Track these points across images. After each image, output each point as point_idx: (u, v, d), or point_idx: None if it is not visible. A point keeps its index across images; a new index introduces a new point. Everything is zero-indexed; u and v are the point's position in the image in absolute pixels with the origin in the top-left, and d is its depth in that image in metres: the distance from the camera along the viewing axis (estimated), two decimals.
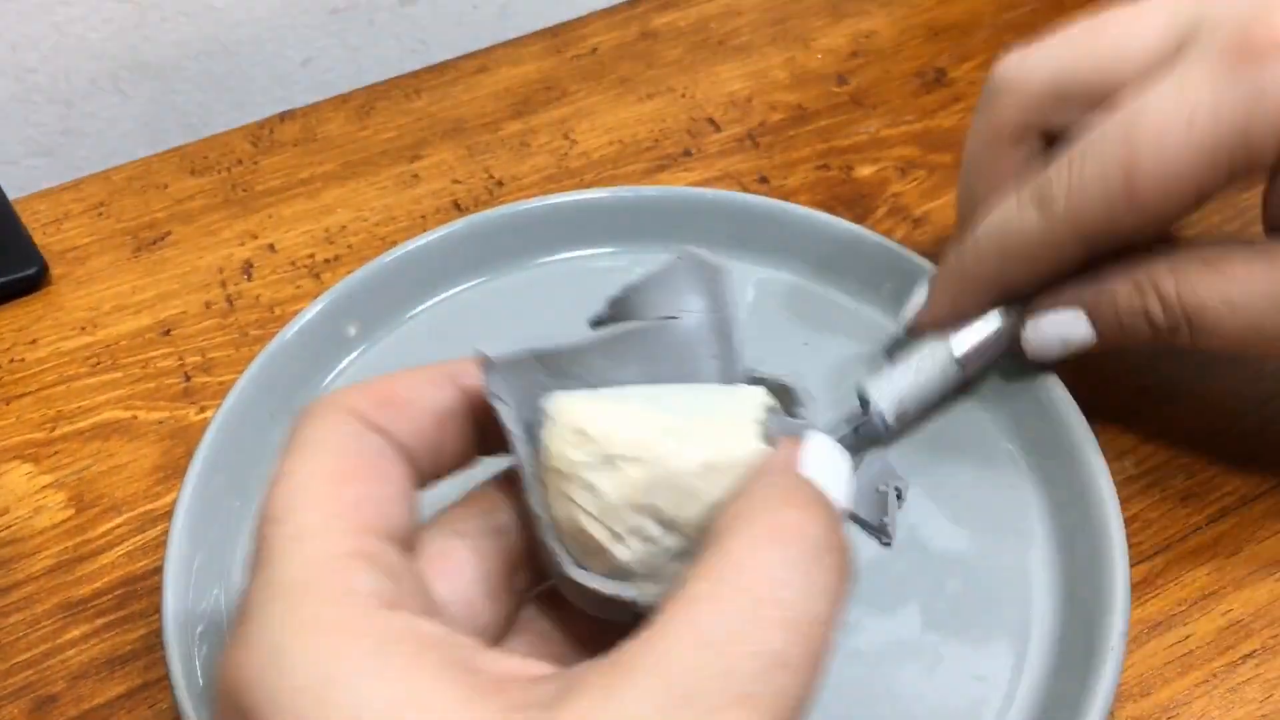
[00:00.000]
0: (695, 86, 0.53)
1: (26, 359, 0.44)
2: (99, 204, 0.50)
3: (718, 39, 0.55)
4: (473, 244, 0.42)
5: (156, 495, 0.39)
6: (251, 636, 0.21)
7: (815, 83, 0.52)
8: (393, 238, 0.47)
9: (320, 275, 0.46)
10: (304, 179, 0.50)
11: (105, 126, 0.59)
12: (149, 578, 0.37)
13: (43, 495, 0.40)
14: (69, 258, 0.47)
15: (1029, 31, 0.35)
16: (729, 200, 0.43)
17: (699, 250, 0.27)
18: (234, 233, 0.48)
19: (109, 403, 0.42)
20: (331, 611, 0.21)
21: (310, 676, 0.20)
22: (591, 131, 0.51)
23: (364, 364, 0.40)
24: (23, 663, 0.36)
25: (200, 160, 0.51)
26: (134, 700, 0.35)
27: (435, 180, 0.49)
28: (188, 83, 0.59)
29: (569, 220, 0.43)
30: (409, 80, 0.54)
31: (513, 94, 0.53)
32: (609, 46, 0.55)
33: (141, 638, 0.36)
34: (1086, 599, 0.32)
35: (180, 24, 0.57)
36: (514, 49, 0.55)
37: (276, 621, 0.21)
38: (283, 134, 0.52)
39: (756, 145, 0.50)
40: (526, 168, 0.50)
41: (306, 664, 0.20)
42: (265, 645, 0.21)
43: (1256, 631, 0.34)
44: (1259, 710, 0.32)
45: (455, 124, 0.52)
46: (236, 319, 0.45)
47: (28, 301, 0.46)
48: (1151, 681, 0.33)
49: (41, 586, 0.37)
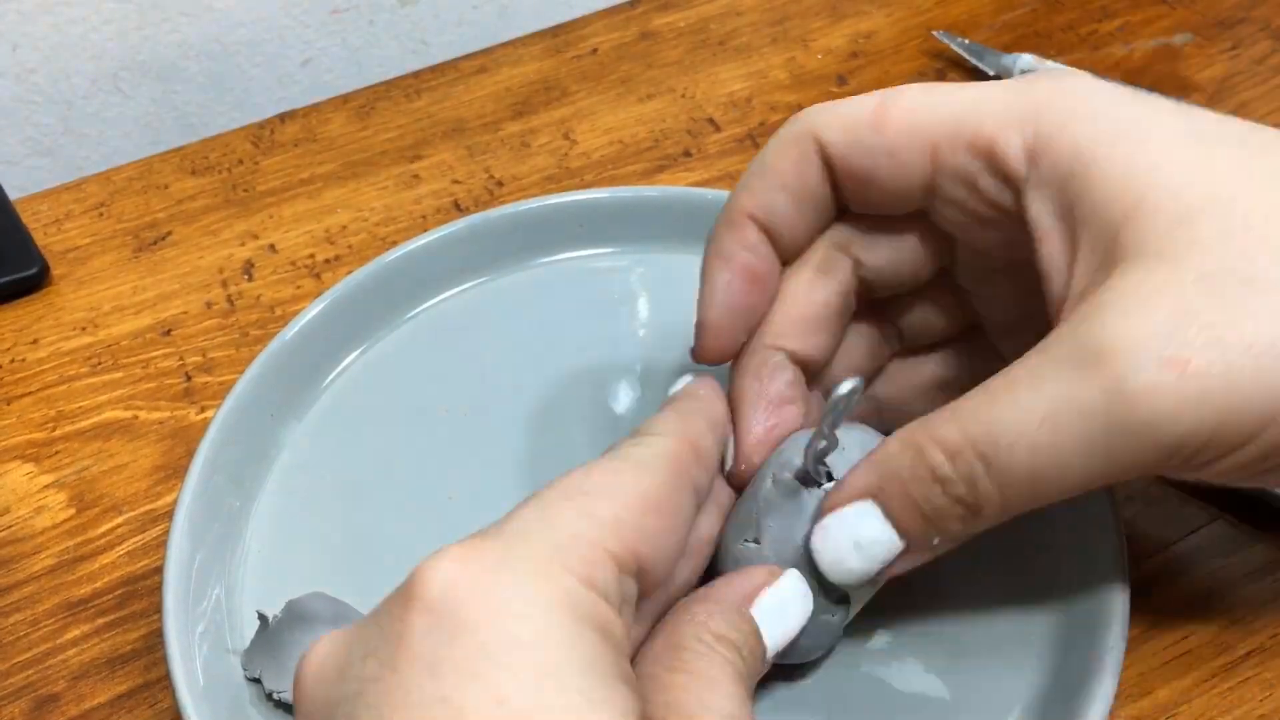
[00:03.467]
0: (695, 87, 0.53)
1: (27, 359, 0.44)
2: (100, 204, 0.50)
3: (718, 39, 0.55)
4: (473, 244, 0.42)
5: (157, 495, 0.39)
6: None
7: (815, 83, 0.52)
8: (393, 238, 0.47)
9: (321, 275, 0.46)
10: (304, 179, 0.50)
11: (106, 127, 0.59)
12: (149, 577, 0.37)
13: (43, 495, 0.40)
14: (70, 258, 0.47)
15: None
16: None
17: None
18: (234, 233, 0.48)
19: (110, 403, 0.42)
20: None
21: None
22: (591, 131, 0.51)
23: (364, 364, 0.40)
24: (23, 662, 0.36)
25: (201, 160, 0.51)
26: (134, 700, 0.35)
27: (435, 180, 0.49)
28: (188, 83, 0.59)
29: (569, 220, 0.43)
30: (409, 80, 0.54)
31: (513, 94, 0.53)
32: (609, 47, 0.55)
33: (142, 637, 0.36)
34: (1086, 598, 0.32)
35: (180, 24, 0.57)
36: (514, 49, 0.55)
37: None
38: (283, 134, 0.52)
39: (756, 145, 0.50)
40: (526, 168, 0.50)
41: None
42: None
43: (1256, 631, 0.34)
44: (1258, 710, 0.32)
45: (455, 124, 0.52)
46: (237, 319, 0.45)
47: (28, 301, 0.46)
48: (1151, 681, 0.33)
49: (42, 586, 0.37)
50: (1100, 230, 0.27)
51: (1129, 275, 0.26)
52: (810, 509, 0.30)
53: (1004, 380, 0.27)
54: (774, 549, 0.30)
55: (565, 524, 0.26)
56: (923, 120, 0.30)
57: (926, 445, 0.27)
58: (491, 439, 0.38)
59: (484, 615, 0.23)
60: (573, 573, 0.25)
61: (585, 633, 0.24)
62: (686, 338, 0.41)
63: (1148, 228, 0.26)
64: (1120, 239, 0.27)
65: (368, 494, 0.37)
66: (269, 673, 0.32)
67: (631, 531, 0.26)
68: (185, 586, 0.33)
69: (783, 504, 0.30)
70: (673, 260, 0.43)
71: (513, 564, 0.24)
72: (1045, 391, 0.26)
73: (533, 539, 0.25)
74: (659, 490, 0.28)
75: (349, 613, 0.33)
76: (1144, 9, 0.54)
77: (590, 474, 0.27)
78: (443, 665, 0.23)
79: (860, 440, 0.31)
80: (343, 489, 0.37)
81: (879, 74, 0.52)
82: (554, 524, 0.26)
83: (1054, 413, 0.26)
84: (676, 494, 0.28)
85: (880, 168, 0.30)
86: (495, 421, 0.39)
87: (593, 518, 0.26)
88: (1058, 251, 0.28)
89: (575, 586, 0.24)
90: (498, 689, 0.22)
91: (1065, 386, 0.26)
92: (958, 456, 0.27)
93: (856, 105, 0.31)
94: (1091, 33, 0.53)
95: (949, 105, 0.30)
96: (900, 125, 0.30)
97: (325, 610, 0.33)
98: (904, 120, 0.30)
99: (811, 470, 0.30)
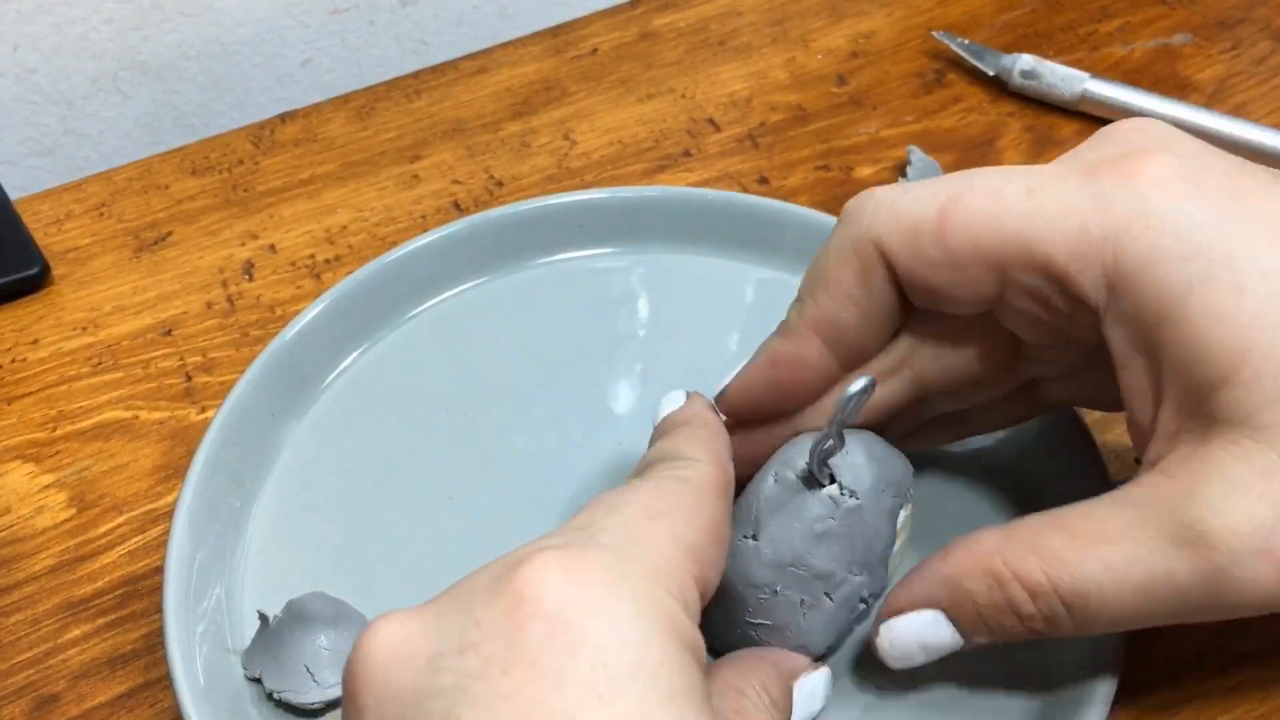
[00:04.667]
0: (695, 87, 0.53)
1: (28, 359, 0.44)
2: (100, 204, 0.50)
3: (718, 39, 0.55)
4: (473, 244, 0.42)
5: (157, 495, 0.39)
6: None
7: (815, 83, 0.52)
8: (393, 238, 0.47)
9: (321, 275, 0.46)
10: (304, 179, 0.50)
11: (106, 127, 0.59)
12: (150, 577, 0.37)
13: (44, 495, 0.40)
14: (70, 258, 0.47)
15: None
16: (729, 200, 0.43)
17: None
18: (235, 233, 0.48)
19: (110, 403, 0.42)
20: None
21: None
22: (591, 132, 0.51)
23: (364, 364, 0.40)
24: (24, 662, 0.36)
25: (201, 160, 0.51)
26: (135, 700, 0.35)
27: (435, 180, 0.49)
28: (188, 83, 0.59)
29: (569, 220, 0.43)
30: (409, 81, 0.54)
31: (513, 94, 0.53)
32: (609, 47, 0.55)
33: (142, 637, 0.36)
34: None
35: (180, 24, 0.57)
36: (514, 49, 0.55)
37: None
38: (283, 134, 0.52)
39: (756, 145, 0.50)
40: (526, 168, 0.50)
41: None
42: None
43: (1255, 632, 0.34)
44: (1257, 710, 0.32)
45: (455, 124, 0.52)
46: (237, 319, 0.45)
47: (29, 302, 0.46)
48: (1151, 681, 0.33)
49: (43, 586, 0.37)
50: (1193, 385, 0.27)
51: (1231, 451, 0.26)
52: (811, 510, 0.30)
53: (1091, 526, 0.27)
54: (771, 546, 0.30)
55: (658, 545, 0.25)
56: (988, 237, 0.28)
57: (1007, 580, 0.28)
58: (491, 439, 0.38)
59: (606, 635, 0.23)
60: (674, 597, 0.25)
61: (688, 660, 0.24)
62: (686, 338, 0.41)
63: (1248, 399, 0.26)
64: (1219, 401, 0.26)
65: (368, 494, 0.37)
66: (269, 673, 0.32)
67: (705, 556, 0.26)
68: (186, 586, 0.33)
69: (783, 503, 0.30)
70: (673, 260, 0.43)
71: (622, 582, 0.24)
72: (1142, 562, 0.27)
73: (634, 557, 0.25)
74: (720, 517, 0.28)
75: (349, 613, 0.33)
76: (1144, 9, 0.54)
77: (662, 493, 0.27)
78: (567, 680, 0.22)
79: (864, 444, 0.31)
80: (343, 489, 0.37)
81: (879, 74, 0.52)
82: (647, 544, 0.25)
83: (1149, 584, 0.27)
84: (728, 520, 0.28)
85: (945, 280, 0.29)
86: (495, 421, 0.39)
87: (679, 541, 0.26)
88: (1142, 383, 0.28)
89: (678, 612, 0.24)
90: (623, 713, 0.22)
91: (1162, 560, 0.26)
92: (1040, 597, 0.28)
93: (917, 208, 0.29)
94: (1091, 33, 0.53)
95: (1014, 219, 0.28)
96: (964, 237, 0.29)
97: (325, 610, 0.33)
98: (967, 233, 0.29)
99: (815, 470, 0.30)
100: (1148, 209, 0.27)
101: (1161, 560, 0.26)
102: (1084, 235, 0.27)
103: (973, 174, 0.30)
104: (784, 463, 0.31)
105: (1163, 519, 0.26)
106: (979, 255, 0.29)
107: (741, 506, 0.31)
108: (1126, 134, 0.30)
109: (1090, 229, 0.27)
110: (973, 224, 0.29)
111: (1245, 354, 0.26)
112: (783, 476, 0.31)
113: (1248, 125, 0.47)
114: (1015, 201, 0.28)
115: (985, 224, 0.28)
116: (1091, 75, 0.50)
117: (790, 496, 0.30)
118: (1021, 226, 0.28)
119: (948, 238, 0.29)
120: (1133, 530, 0.27)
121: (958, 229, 0.29)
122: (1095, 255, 0.27)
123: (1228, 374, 0.26)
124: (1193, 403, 0.27)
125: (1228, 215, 0.27)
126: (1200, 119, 0.47)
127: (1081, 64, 0.51)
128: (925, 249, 0.29)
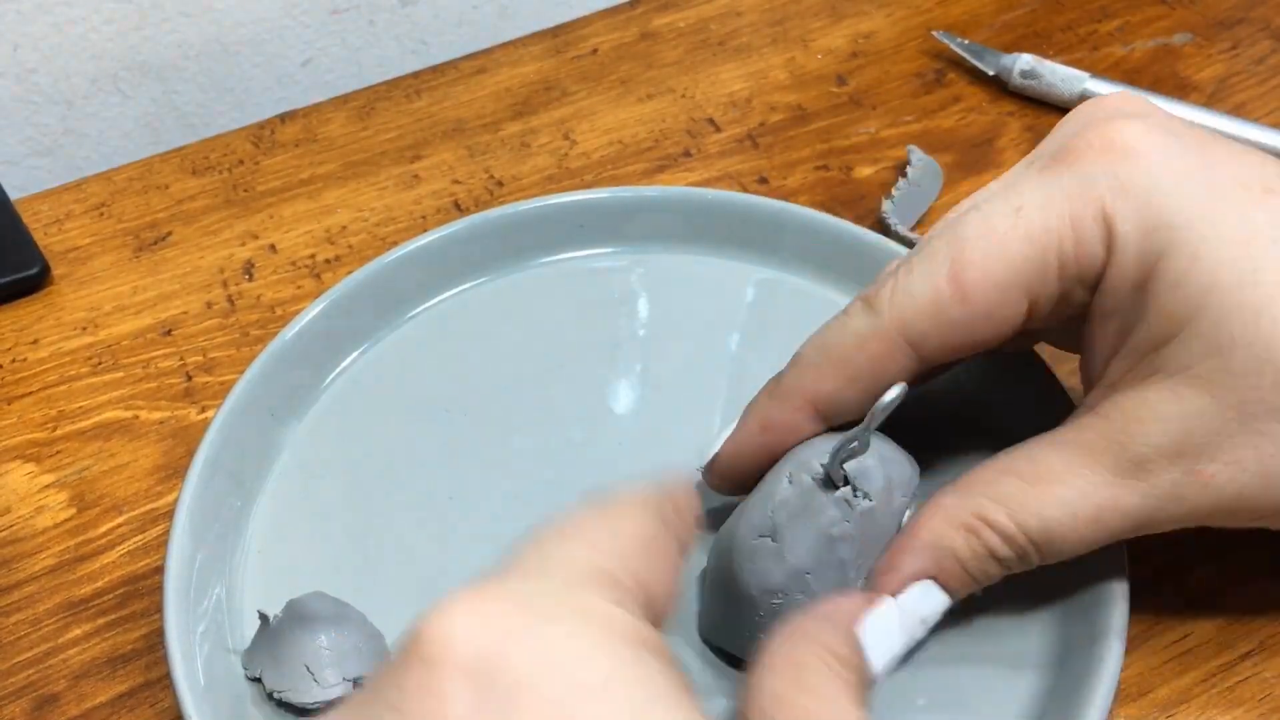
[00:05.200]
0: (695, 87, 0.53)
1: (28, 359, 0.44)
2: (100, 204, 0.50)
3: (718, 39, 0.55)
4: (473, 244, 0.42)
5: (157, 495, 0.39)
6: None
7: (815, 83, 0.52)
8: (393, 238, 0.47)
9: (321, 275, 0.46)
10: (305, 179, 0.50)
11: (106, 127, 0.59)
12: (150, 577, 0.37)
13: (44, 495, 0.40)
14: (70, 258, 0.47)
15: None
16: (729, 200, 0.43)
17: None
18: (235, 233, 0.48)
19: (110, 403, 0.42)
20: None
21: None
22: (591, 132, 0.51)
23: (364, 364, 0.40)
24: (24, 662, 0.36)
25: (201, 160, 0.51)
26: (135, 699, 0.35)
27: (435, 180, 0.49)
28: (188, 83, 0.59)
29: (569, 220, 0.43)
30: (409, 81, 0.54)
31: (513, 94, 0.53)
32: (609, 47, 0.55)
33: (142, 637, 0.36)
34: (1086, 597, 0.32)
35: (180, 24, 0.57)
36: (514, 49, 0.55)
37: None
38: (283, 134, 0.52)
39: (756, 145, 0.50)
40: (526, 168, 0.50)
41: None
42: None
43: (1256, 631, 0.34)
44: (1257, 710, 0.32)
45: (455, 124, 0.52)
46: (237, 319, 0.45)
47: (29, 301, 0.46)
48: (1151, 681, 0.33)
49: (43, 586, 0.37)
50: (1144, 343, 0.29)
51: (1165, 396, 0.29)
52: (827, 512, 0.30)
53: (1040, 469, 0.30)
54: (790, 548, 0.30)
55: (575, 557, 0.24)
56: (1003, 274, 0.30)
57: (981, 529, 0.30)
58: (491, 439, 0.38)
59: (539, 667, 0.20)
60: (606, 598, 0.23)
61: (645, 658, 0.22)
62: (686, 338, 0.41)
63: (1187, 352, 0.28)
64: (1163, 355, 0.29)
65: (368, 494, 0.37)
66: (270, 672, 0.32)
67: (635, 562, 0.25)
68: (186, 586, 0.33)
69: (799, 504, 0.30)
70: (673, 260, 0.43)
71: (540, 602, 0.22)
72: (1092, 496, 0.29)
73: (548, 574, 0.23)
74: (648, 529, 0.26)
75: (349, 613, 0.33)
76: (1144, 9, 0.54)
77: (577, 517, 0.26)
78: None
79: (878, 449, 0.31)
80: (343, 489, 0.37)
81: (879, 74, 0.52)
82: (563, 560, 0.24)
83: (1099, 513, 0.29)
84: (665, 536, 0.26)
85: (977, 333, 0.30)
86: (495, 421, 0.39)
87: (597, 548, 0.24)
88: (1108, 342, 0.30)
89: (613, 611, 0.23)
90: None
91: (1109, 491, 0.29)
92: (1012, 541, 0.30)
93: (928, 284, 0.30)
94: (1091, 33, 0.53)
95: (1016, 243, 0.29)
96: (984, 288, 0.30)
97: (325, 610, 0.33)
98: (985, 282, 0.30)
99: (833, 472, 0.30)
100: (1125, 182, 0.29)
101: (1109, 491, 0.29)
102: (1079, 225, 0.29)
103: (954, 221, 0.31)
104: (799, 464, 0.31)
105: (1105, 456, 0.29)
106: (1004, 293, 0.30)
107: (755, 508, 0.31)
108: (1087, 110, 0.32)
109: (1084, 217, 0.29)
110: (985, 268, 0.30)
111: (1194, 315, 0.28)
112: (798, 479, 0.31)
113: (1248, 125, 0.47)
114: (1008, 228, 0.30)
115: (994, 264, 0.30)
116: (1091, 75, 0.50)
117: (806, 500, 0.30)
118: (1025, 249, 0.29)
119: (968, 294, 0.30)
120: (1078, 467, 0.29)
121: (973, 282, 0.30)
122: (1093, 238, 0.29)
123: (1175, 332, 0.28)
124: (1139, 356, 0.29)
125: (1195, 183, 0.29)
126: (1200, 119, 0.47)
127: (1081, 64, 0.51)
128: (950, 316, 0.30)
